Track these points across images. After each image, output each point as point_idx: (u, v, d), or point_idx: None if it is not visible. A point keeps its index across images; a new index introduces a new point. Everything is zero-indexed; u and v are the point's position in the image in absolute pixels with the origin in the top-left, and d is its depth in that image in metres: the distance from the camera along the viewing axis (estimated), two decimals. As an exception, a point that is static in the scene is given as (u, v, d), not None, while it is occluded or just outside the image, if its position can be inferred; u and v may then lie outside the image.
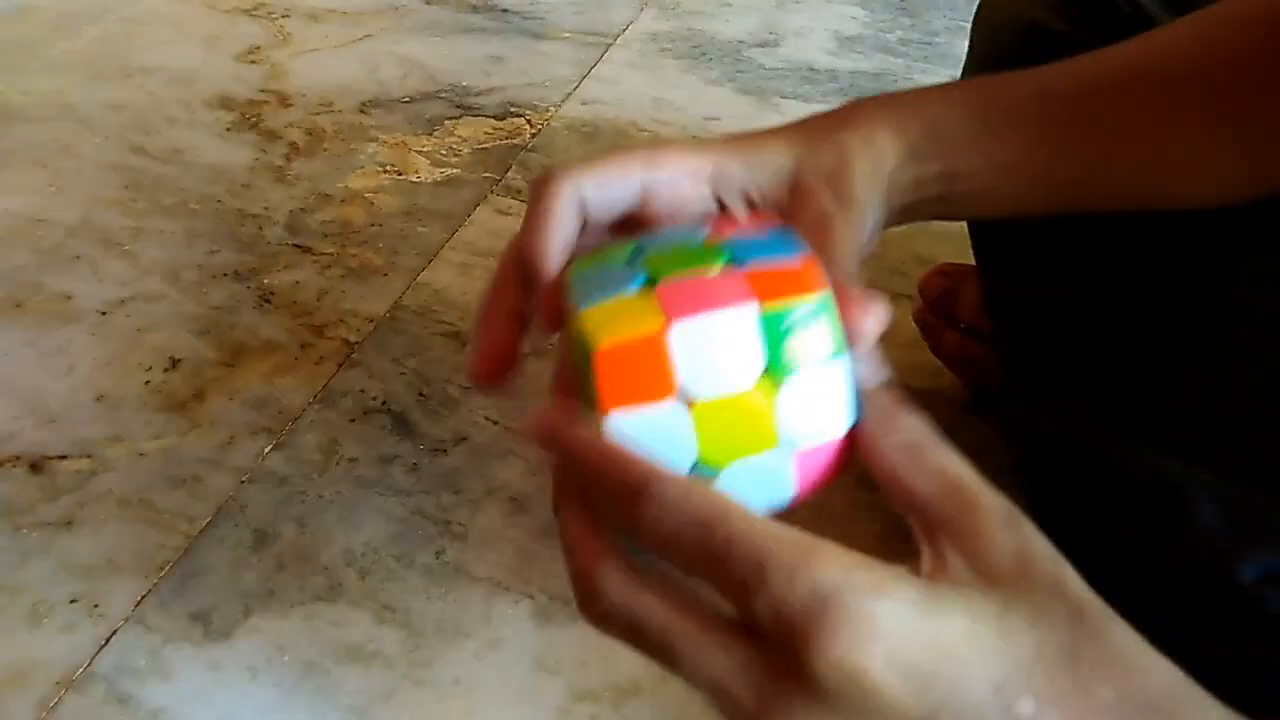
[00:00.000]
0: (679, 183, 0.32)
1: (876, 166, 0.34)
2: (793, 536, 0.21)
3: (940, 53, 0.99)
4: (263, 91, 0.88)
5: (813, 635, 0.20)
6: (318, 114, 0.85)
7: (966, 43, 0.56)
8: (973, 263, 0.55)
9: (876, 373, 0.26)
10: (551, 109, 0.87)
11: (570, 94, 0.90)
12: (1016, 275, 0.49)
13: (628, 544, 0.25)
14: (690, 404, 0.25)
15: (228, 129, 0.83)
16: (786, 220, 0.32)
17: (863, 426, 0.25)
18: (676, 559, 0.23)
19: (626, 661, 0.48)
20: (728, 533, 0.21)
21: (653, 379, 0.24)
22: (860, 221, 0.33)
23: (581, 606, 0.25)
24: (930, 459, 0.24)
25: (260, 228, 0.73)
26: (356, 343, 0.64)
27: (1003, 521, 0.23)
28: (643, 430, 0.24)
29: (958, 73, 0.59)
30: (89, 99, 0.85)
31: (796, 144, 0.34)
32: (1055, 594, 0.22)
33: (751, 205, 0.34)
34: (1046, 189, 0.37)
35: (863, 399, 0.26)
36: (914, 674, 0.20)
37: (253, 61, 0.92)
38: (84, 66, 0.89)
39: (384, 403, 0.61)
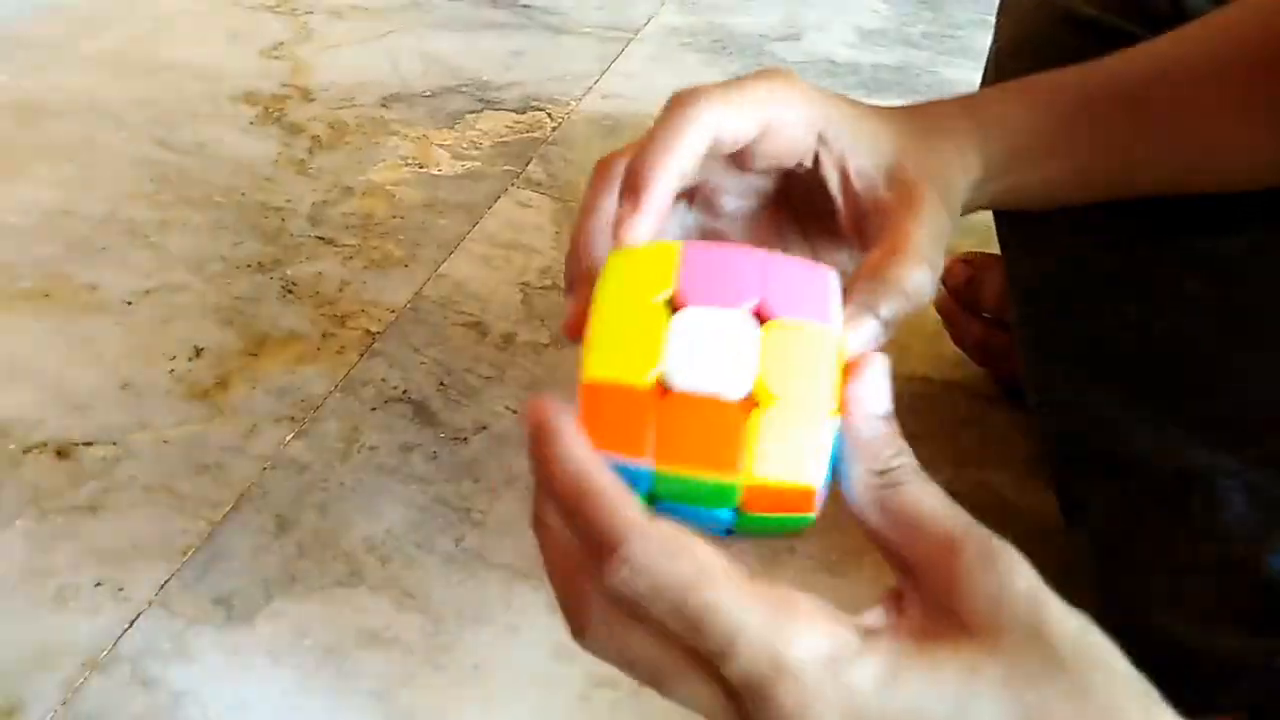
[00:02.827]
0: (796, 127, 0.31)
1: (966, 180, 0.34)
2: (766, 605, 0.21)
3: (962, 46, 0.98)
4: (286, 86, 0.88)
5: (771, 706, 0.21)
6: (340, 108, 0.86)
7: (989, 36, 0.56)
8: (996, 251, 0.54)
9: (877, 402, 0.25)
10: (572, 103, 0.88)
11: (591, 88, 0.90)
12: (1041, 263, 0.49)
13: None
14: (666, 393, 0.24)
15: (251, 123, 0.84)
16: (875, 207, 0.32)
17: (842, 459, 0.24)
18: (647, 616, 0.22)
19: (645, 649, 0.48)
20: (702, 602, 0.21)
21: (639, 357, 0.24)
22: (941, 228, 0.32)
23: (573, 635, 0.25)
24: (899, 499, 0.23)
25: (283, 220, 0.74)
26: (378, 333, 0.65)
27: (976, 568, 0.22)
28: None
29: (980, 66, 0.58)
30: (116, 94, 0.86)
31: (899, 135, 0.33)
32: (1032, 645, 0.21)
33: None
34: (1093, 185, 0.37)
35: (849, 429, 0.24)
36: None
37: (276, 57, 0.93)
38: (111, 63, 0.91)
39: (405, 392, 0.61)
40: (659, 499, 0.25)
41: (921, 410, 0.61)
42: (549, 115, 0.86)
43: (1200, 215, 0.42)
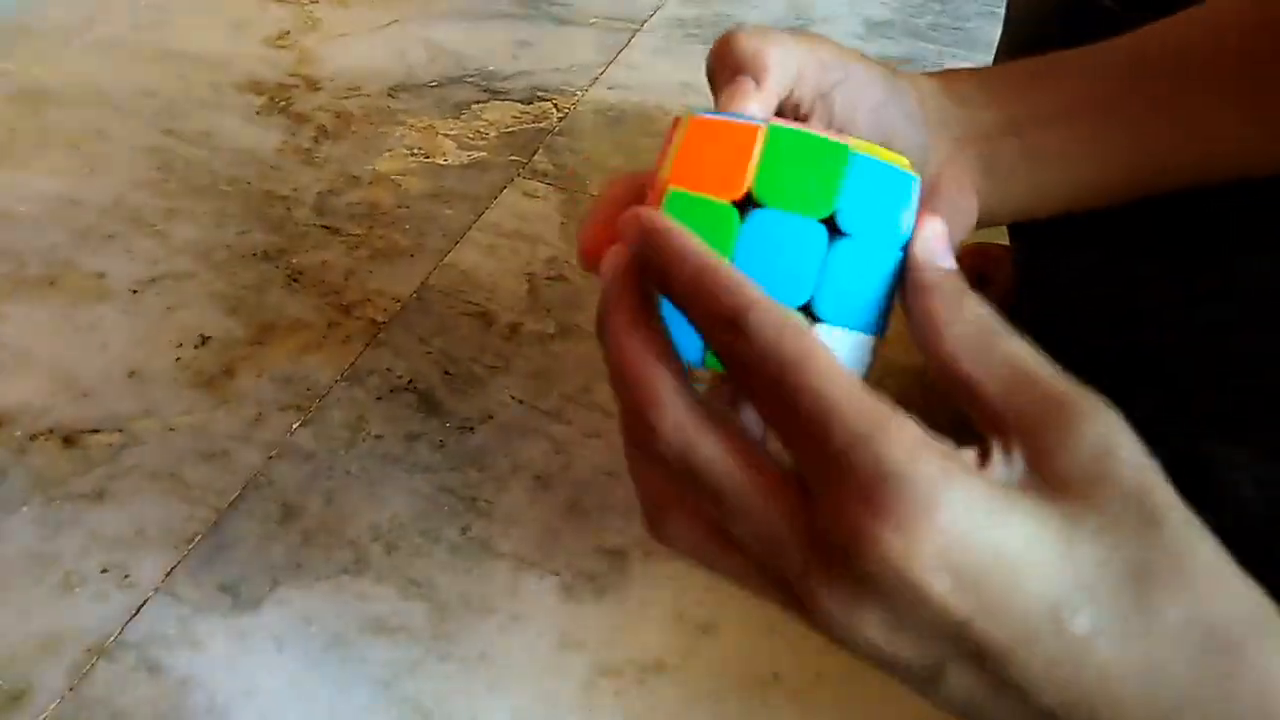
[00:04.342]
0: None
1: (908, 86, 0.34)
2: (871, 403, 0.20)
3: (971, 38, 0.98)
4: (292, 76, 0.88)
5: (865, 512, 0.19)
6: (346, 98, 0.86)
7: (998, 28, 0.56)
8: (1005, 243, 0.54)
9: (944, 257, 0.24)
10: (578, 94, 0.87)
11: (597, 79, 0.89)
12: (1050, 255, 0.49)
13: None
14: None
15: (257, 112, 0.84)
16: None
17: (921, 313, 0.23)
18: (754, 395, 0.21)
19: (651, 638, 0.48)
20: (808, 380, 0.20)
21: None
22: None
23: (632, 441, 0.23)
24: (1000, 348, 0.22)
25: (289, 209, 0.74)
26: (383, 322, 0.65)
27: (1084, 419, 0.20)
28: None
29: (989, 58, 0.58)
30: (122, 83, 0.86)
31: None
32: (1134, 504, 0.20)
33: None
34: (1117, 149, 0.36)
35: (925, 282, 0.24)
36: (962, 574, 0.19)
37: (282, 46, 0.92)
38: (117, 51, 0.90)
39: (410, 381, 0.61)
40: (762, 195, 0.24)
41: (928, 402, 0.61)
42: (555, 106, 0.86)
43: (1206, 209, 0.41)
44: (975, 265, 0.60)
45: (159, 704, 0.46)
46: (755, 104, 0.29)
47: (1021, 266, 0.52)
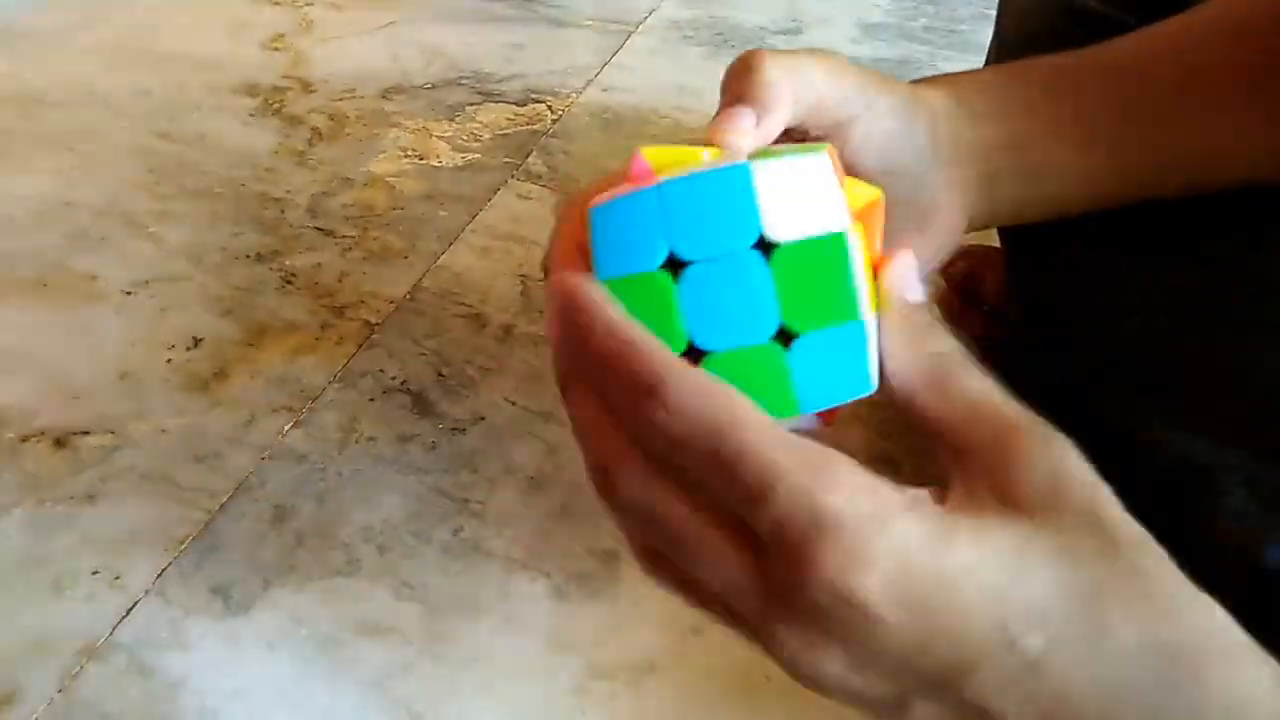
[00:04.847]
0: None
1: (936, 124, 0.33)
2: (805, 453, 0.20)
3: (964, 40, 0.98)
4: (286, 78, 0.88)
5: (809, 558, 0.20)
6: (340, 100, 0.86)
7: (991, 30, 0.56)
8: (996, 244, 0.54)
9: (912, 290, 0.24)
10: (573, 95, 0.87)
11: (591, 80, 0.90)
12: (1043, 255, 0.49)
13: None
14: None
15: (251, 114, 0.83)
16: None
17: (884, 348, 0.23)
18: (685, 462, 0.22)
19: (643, 640, 0.48)
20: (739, 443, 0.20)
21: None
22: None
23: (598, 492, 0.24)
24: (957, 384, 0.23)
25: (283, 211, 0.74)
26: (377, 324, 0.65)
27: (1036, 448, 0.21)
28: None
29: (982, 60, 0.58)
30: (116, 85, 0.86)
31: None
32: (1089, 526, 0.20)
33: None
34: (1116, 162, 0.36)
35: (890, 316, 0.24)
36: (912, 602, 0.20)
37: (276, 48, 0.92)
38: (111, 53, 0.90)
39: (403, 383, 0.61)
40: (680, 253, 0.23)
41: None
42: (549, 108, 0.86)
43: (1199, 212, 0.42)
44: (967, 267, 0.60)
45: (149, 706, 0.45)
46: (748, 140, 0.29)
47: (1013, 266, 0.52)
